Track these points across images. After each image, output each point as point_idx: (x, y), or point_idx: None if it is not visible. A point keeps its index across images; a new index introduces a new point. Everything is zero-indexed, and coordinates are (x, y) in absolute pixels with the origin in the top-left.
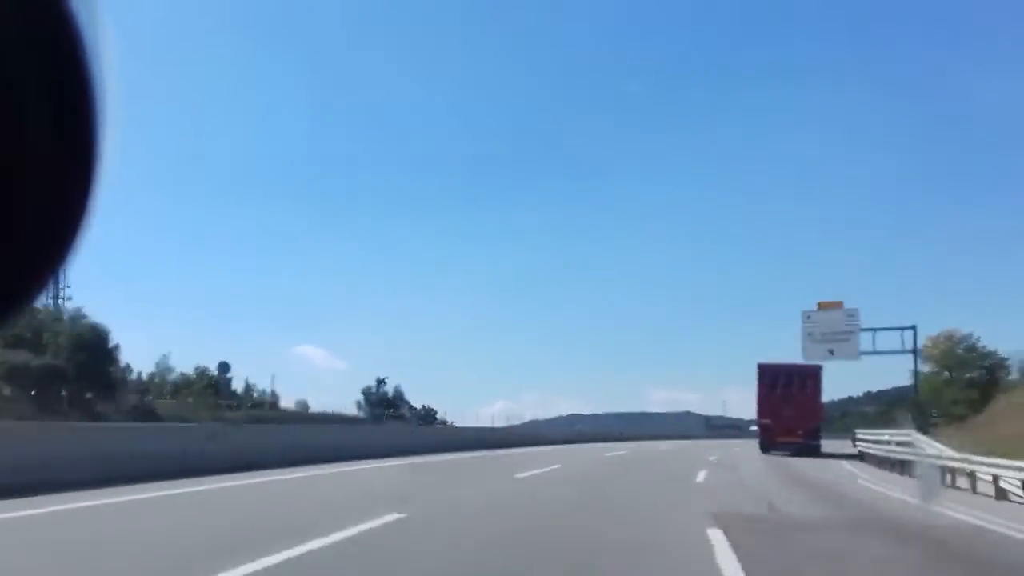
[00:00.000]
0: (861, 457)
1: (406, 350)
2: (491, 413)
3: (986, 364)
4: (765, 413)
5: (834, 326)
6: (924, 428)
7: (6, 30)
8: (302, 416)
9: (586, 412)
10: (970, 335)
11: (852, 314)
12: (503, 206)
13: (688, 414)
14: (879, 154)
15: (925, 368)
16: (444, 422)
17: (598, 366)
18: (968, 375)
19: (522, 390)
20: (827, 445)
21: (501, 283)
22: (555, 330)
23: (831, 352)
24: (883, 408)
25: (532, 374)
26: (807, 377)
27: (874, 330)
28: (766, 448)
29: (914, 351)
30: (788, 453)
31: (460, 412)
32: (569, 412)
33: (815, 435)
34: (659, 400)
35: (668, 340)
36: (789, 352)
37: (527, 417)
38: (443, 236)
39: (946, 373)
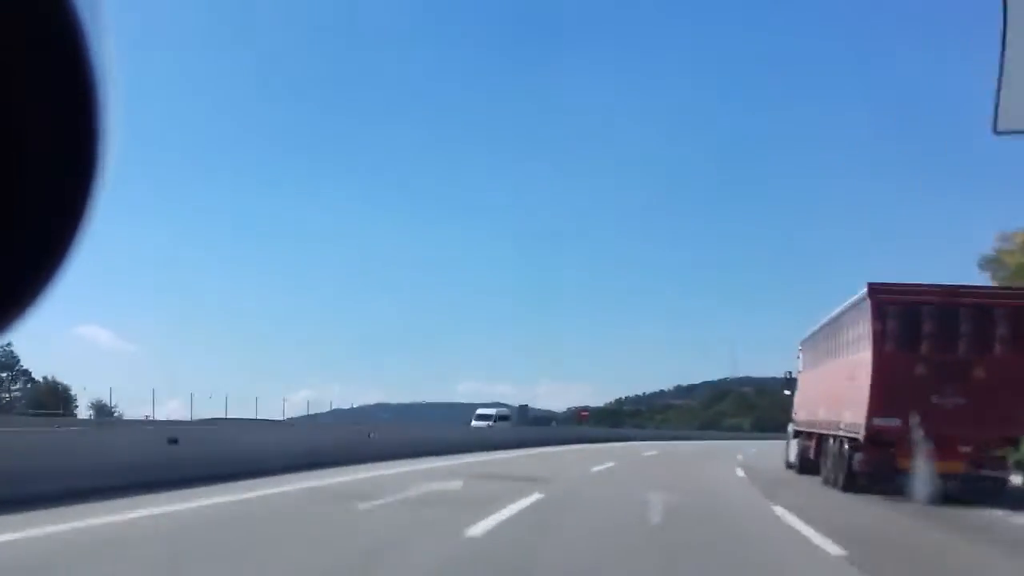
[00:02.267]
0: None
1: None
2: (299, 401)
3: None
4: (882, 403)
5: None
6: None
7: (6, 30)
8: None
9: (393, 402)
10: None
11: None
12: (306, 198)
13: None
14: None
15: None
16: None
17: (408, 355)
18: None
19: (329, 379)
20: None
21: (313, 268)
22: (363, 318)
23: None
24: None
25: (340, 363)
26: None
27: None
28: (853, 483)
29: None
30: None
31: (267, 400)
32: (376, 402)
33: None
34: (469, 391)
35: (479, 331)
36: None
37: (334, 405)
38: (246, 221)
39: None
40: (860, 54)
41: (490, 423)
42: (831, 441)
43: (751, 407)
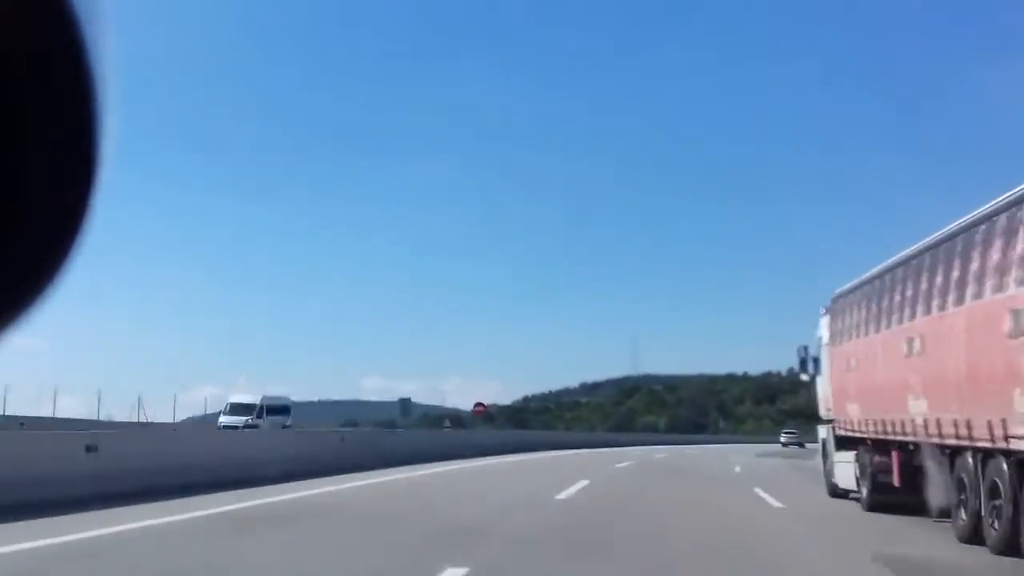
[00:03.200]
0: None
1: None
2: (200, 398)
3: None
4: None
5: None
6: None
7: (5, 29)
8: None
9: (298, 399)
10: None
11: None
12: (208, 195)
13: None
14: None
15: None
16: None
17: (311, 351)
18: None
19: (230, 375)
20: None
21: (223, 263)
22: (266, 314)
23: None
24: None
25: (243, 358)
26: None
27: None
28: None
29: None
30: None
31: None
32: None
33: None
34: (375, 388)
35: (385, 327)
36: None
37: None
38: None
39: None
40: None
41: (249, 420)
42: (968, 460)
43: (663, 404)
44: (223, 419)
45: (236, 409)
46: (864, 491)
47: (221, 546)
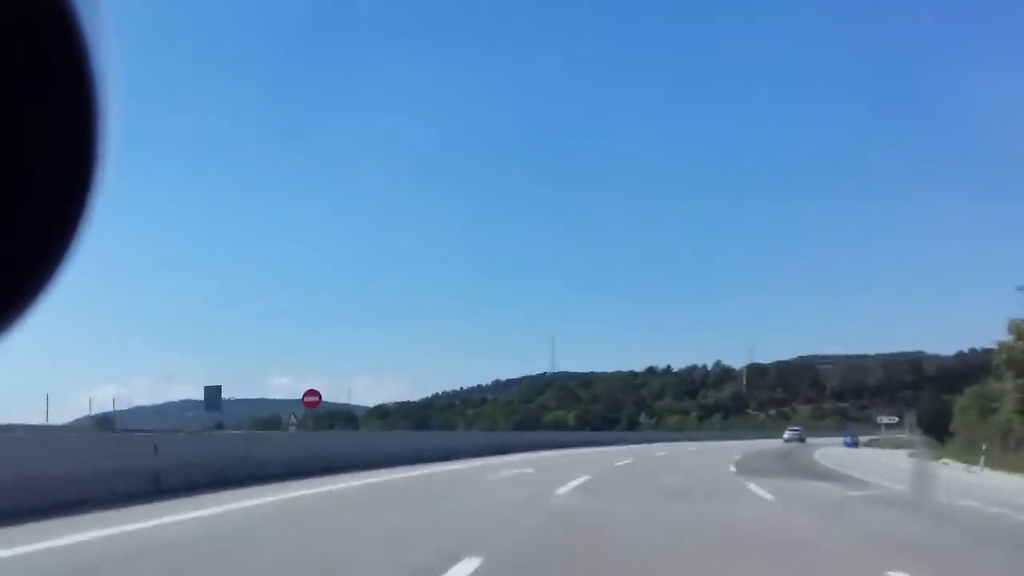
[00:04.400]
0: None
1: None
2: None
3: None
4: None
5: None
6: None
7: (5, 29)
8: None
9: (199, 398)
10: None
11: None
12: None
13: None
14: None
15: None
16: None
17: (218, 349)
18: None
19: (131, 375)
20: None
21: (128, 256)
22: (171, 309)
23: None
24: None
25: (148, 356)
26: None
27: None
28: None
29: None
30: None
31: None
32: (182, 398)
33: None
34: (282, 387)
35: (292, 325)
36: None
37: (136, 402)
38: None
39: None
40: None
41: None
42: None
43: (575, 400)
44: None
45: None
46: None
47: None
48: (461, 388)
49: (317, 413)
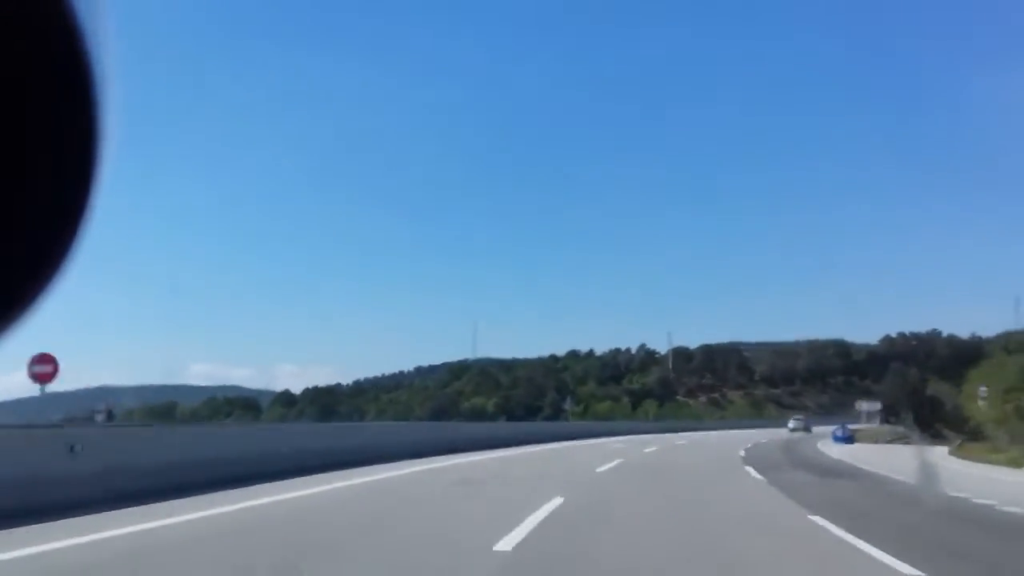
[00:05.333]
0: None
1: None
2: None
3: None
4: None
5: None
6: None
7: (6, 29)
8: None
9: (118, 384)
10: None
11: None
12: None
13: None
14: None
15: None
16: None
17: (135, 334)
18: None
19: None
20: None
21: None
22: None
23: None
24: None
25: (62, 339)
26: None
27: None
28: None
29: None
30: None
31: None
32: (98, 384)
33: None
34: (202, 374)
35: (213, 312)
36: None
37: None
38: None
39: None
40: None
41: None
42: None
43: (495, 385)
44: None
45: None
46: None
47: None
48: (383, 375)
49: (217, 401)
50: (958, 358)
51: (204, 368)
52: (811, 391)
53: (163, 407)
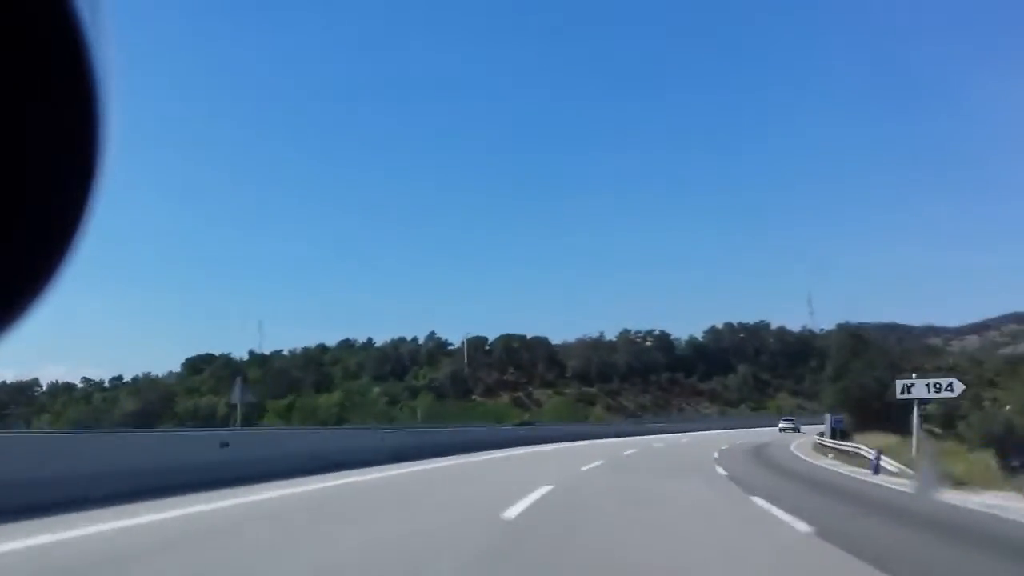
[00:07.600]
0: None
1: None
2: None
3: None
4: None
5: None
6: None
7: (6, 30)
8: None
9: None
10: None
11: None
12: None
13: None
14: None
15: None
16: None
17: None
18: None
19: None
20: None
21: None
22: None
23: None
24: None
25: None
26: None
27: None
28: None
29: None
30: None
31: None
32: None
33: None
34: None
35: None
36: None
37: None
38: None
39: None
40: None
41: None
42: None
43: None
44: None
45: None
46: None
47: None
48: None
49: None
50: (786, 352)
51: (59, 370)
52: (631, 390)
53: None
